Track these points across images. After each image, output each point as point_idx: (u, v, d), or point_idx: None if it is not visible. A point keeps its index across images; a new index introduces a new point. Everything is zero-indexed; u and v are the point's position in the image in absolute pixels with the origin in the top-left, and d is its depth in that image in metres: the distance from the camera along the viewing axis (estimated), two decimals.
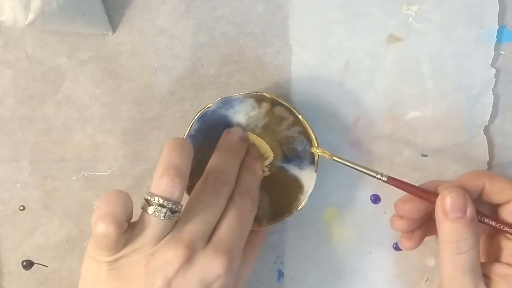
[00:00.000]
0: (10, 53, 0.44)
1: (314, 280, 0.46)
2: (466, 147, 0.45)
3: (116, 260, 0.35)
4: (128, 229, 0.35)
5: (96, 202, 0.45)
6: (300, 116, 0.41)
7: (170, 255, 0.35)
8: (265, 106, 0.42)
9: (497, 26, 0.43)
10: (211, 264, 0.35)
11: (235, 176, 0.40)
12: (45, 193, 0.45)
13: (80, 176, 0.45)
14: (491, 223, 0.39)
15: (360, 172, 0.40)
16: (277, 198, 0.43)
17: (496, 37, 0.44)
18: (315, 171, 0.42)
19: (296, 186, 0.42)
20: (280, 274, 0.46)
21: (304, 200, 0.42)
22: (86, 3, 0.42)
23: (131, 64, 0.45)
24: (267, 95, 0.41)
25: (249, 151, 0.42)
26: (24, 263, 0.46)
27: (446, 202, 0.38)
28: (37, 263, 0.46)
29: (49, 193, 0.45)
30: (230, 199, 0.39)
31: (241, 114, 0.42)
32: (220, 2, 0.44)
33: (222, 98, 0.41)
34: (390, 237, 0.46)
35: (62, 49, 0.44)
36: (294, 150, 0.42)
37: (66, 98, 0.45)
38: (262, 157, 0.43)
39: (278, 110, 0.42)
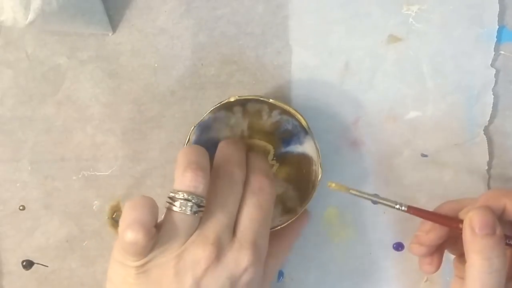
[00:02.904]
0: (10, 53, 0.44)
1: (314, 280, 0.46)
2: (466, 147, 0.45)
3: (144, 264, 0.35)
4: (155, 232, 0.35)
5: (96, 202, 0.46)
6: (271, 100, 0.40)
7: (198, 254, 0.35)
8: (237, 109, 0.42)
9: (497, 26, 0.43)
10: (238, 260, 0.36)
11: (244, 160, 0.40)
12: (45, 193, 0.45)
13: (80, 176, 0.45)
14: None
15: (360, 173, 0.39)
16: (297, 181, 0.43)
17: (496, 37, 0.44)
18: (312, 139, 0.41)
19: (307, 161, 0.42)
20: (280, 274, 0.46)
21: (318, 169, 0.41)
22: (86, 3, 0.42)
23: (131, 64, 0.45)
24: (231, 99, 0.41)
25: (252, 149, 0.43)
26: (24, 263, 0.46)
27: (475, 220, 0.37)
28: (37, 263, 0.46)
29: (49, 193, 0.45)
30: (246, 184, 0.38)
31: (223, 129, 0.42)
32: (220, 2, 0.44)
33: (195, 126, 0.41)
34: (390, 237, 0.46)
35: (62, 49, 0.44)
36: (287, 131, 0.42)
37: (66, 98, 0.45)
38: (266, 156, 0.43)
39: (250, 106, 0.42)
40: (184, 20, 0.44)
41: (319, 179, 0.42)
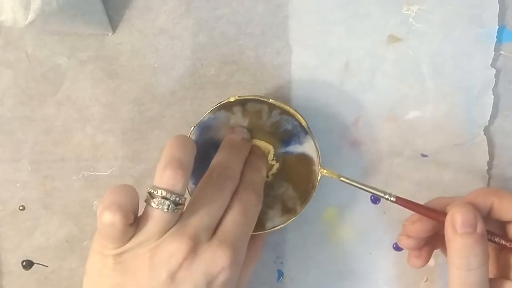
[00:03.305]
0: (10, 53, 0.44)
1: (314, 280, 0.46)
2: (466, 147, 0.45)
3: (121, 254, 0.35)
4: (134, 223, 0.35)
5: (96, 202, 0.46)
6: (271, 100, 0.41)
7: (174, 248, 0.35)
8: (237, 109, 0.42)
9: (497, 26, 0.43)
10: (215, 257, 0.36)
11: (240, 171, 0.40)
12: (45, 193, 0.45)
13: (80, 176, 0.45)
14: (501, 241, 0.39)
15: (360, 173, 0.40)
16: (297, 180, 0.43)
17: (496, 37, 0.44)
18: (312, 139, 0.42)
19: (307, 161, 0.42)
20: (280, 274, 0.46)
21: (318, 169, 0.41)
22: (86, 3, 0.42)
23: (131, 64, 0.45)
24: (231, 99, 0.41)
25: (253, 151, 0.43)
26: (24, 263, 0.46)
27: (456, 218, 0.38)
28: (37, 263, 0.46)
29: (49, 193, 0.45)
30: (234, 194, 0.39)
31: (223, 129, 0.42)
32: (220, 2, 0.44)
33: (195, 126, 0.41)
34: (390, 237, 0.46)
35: (62, 49, 0.44)
36: (286, 131, 0.42)
37: (66, 98, 0.45)
38: (266, 156, 0.43)
39: (250, 106, 0.42)
40: (184, 20, 0.44)
41: (319, 179, 0.42)
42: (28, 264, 0.46)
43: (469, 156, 0.45)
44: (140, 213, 0.37)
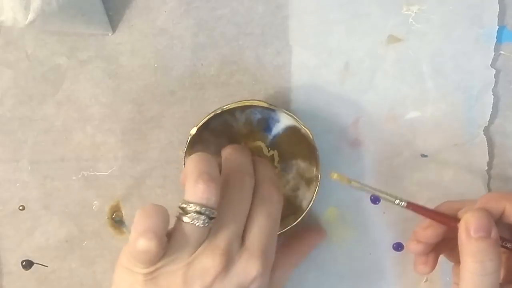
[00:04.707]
0: (10, 53, 0.44)
1: (314, 280, 0.46)
2: (466, 148, 0.45)
3: (153, 272, 0.35)
4: (166, 241, 0.35)
5: (96, 202, 0.46)
6: (225, 107, 0.41)
7: (207, 264, 0.35)
8: (214, 126, 0.42)
9: (497, 26, 0.43)
10: (247, 268, 0.36)
11: (252, 167, 0.40)
12: (45, 193, 0.45)
13: (80, 176, 0.45)
14: None
15: (360, 173, 0.39)
16: (299, 151, 0.43)
17: (496, 37, 0.44)
18: (281, 110, 0.42)
19: (293, 130, 0.42)
20: None
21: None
22: (86, 3, 0.42)
23: (131, 64, 0.45)
24: (193, 130, 0.41)
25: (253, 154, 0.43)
26: (23, 263, 0.46)
27: (471, 223, 0.37)
28: (36, 263, 0.46)
29: (49, 193, 0.45)
30: (254, 191, 0.38)
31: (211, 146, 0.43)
32: (220, 2, 0.44)
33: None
34: (390, 237, 0.46)
35: (62, 49, 0.44)
36: (261, 121, 0.43)
37: (66, 98, 0.45)
38: (267, 158, 0.43)
39: (216, 122, 0.42)
40: (184, 20, 0.44)
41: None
42: (28, 264, 0.46)
43: (469, 156, 0.45)
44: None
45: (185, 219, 0.35)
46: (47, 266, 0.46)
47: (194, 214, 0.35)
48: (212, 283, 0.35)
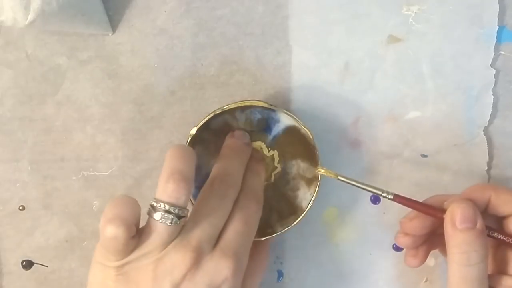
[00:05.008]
0: (10, 53, 0.44)
1: (314, 280, 0.46)
2: (466, 148, 0.45)
3: (123, 265, 0.35)
4: (136, 234, 0.35)
5: (96, 202, 0.46)
6: (225, 107, 0.41)
7: (178, 260, 0.35)
8: (215, 124, 0.42)
9: (497, 26, 0.43)
10: (218, 268, 0.36)
11: (241, 178, 0.40)
12: (45, 193, 0.45)
13: (80, 176, 0.45)
14: (499, 236, 0.39)
15: (360, 173, 0.39)
16: (300, 151, 0.43)
17: (496, 37, 0.44)
18: (281, 111, 0.42)
19: (293, 130, 0.42)
20: (280, 274, 0.46)
21: (308, 131, 0.41)
22: (86, 3, 0.42)
23: (131, 64, 0.45)
24: (193, 130, 0.41)
25: (252, 155, 0.43)
26: (23, 263, 0.46)
27: (456, 214, 0.38)
28: (36, 263, 0.46)
29: (49, 193, 0.45)
30: (235, 201, 0.39)
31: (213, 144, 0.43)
32: (220, 2, 0.44)
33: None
34: (390, 237, 0.46)
35: (62, 49, 0.44)
36: (261, 121, 0.43)
37: (66, 98, 0.45)
38: (264, 159, 0.43)
39: (217, 121, 0.42)
40: (184, 20, 0.44)
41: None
42: (28, 264, 0.46)
43: (468, 156, 0.45)
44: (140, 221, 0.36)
45: (155, 216, 0.35)
46: (47, 266, 0.46)
47: (163, 213, 0.35)
48: (182, 280, 0.35)
